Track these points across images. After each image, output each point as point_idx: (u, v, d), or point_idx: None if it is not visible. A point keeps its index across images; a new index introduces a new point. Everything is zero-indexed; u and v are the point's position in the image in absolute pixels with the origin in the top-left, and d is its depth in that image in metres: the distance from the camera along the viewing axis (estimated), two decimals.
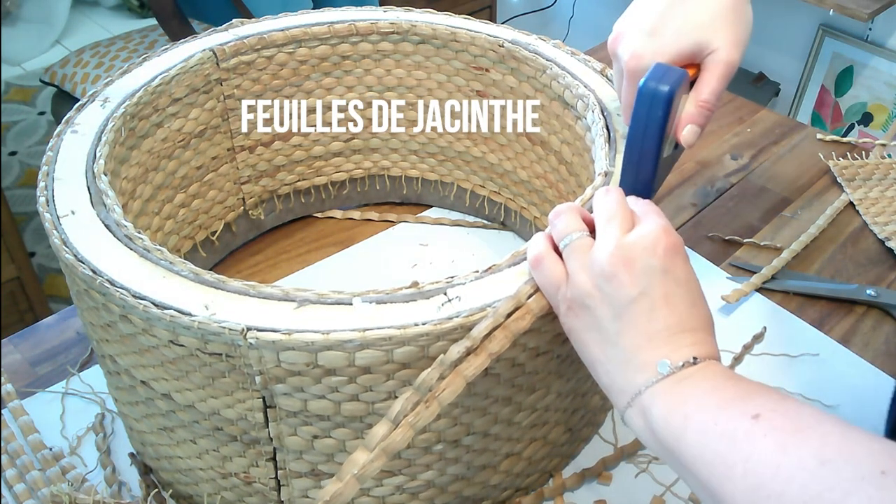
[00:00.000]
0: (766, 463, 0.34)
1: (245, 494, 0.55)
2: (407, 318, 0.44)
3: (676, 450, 0.38)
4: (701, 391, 0.39)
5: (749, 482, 0.35)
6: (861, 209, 0.88)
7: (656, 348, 0.41)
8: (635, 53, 0.55)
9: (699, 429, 0.38)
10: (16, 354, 0.70)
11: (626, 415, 0.42)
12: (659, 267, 0.42)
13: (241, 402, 0.48)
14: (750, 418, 0.36)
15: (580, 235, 0.45)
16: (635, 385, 0.41)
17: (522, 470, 0.58)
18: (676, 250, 0.43)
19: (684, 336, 0.41)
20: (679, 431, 0.38)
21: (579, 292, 0.44)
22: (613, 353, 0.43)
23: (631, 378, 0.42)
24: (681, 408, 0.39)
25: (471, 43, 0.74)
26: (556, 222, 0.47)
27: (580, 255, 0.45)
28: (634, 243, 0.43)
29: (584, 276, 0.44)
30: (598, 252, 0.43)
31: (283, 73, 0.75)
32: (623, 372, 0.42)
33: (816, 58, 2.05)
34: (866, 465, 0.32)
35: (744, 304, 0.76)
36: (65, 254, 0.49)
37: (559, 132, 0.71)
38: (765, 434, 0.35)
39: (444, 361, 0.44)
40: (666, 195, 0.89)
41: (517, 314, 0.45)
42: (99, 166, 0.56)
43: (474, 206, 0.84)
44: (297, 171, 0.81)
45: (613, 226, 0.44)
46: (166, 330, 0.45)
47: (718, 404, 0.38)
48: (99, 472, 0.61)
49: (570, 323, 0.45)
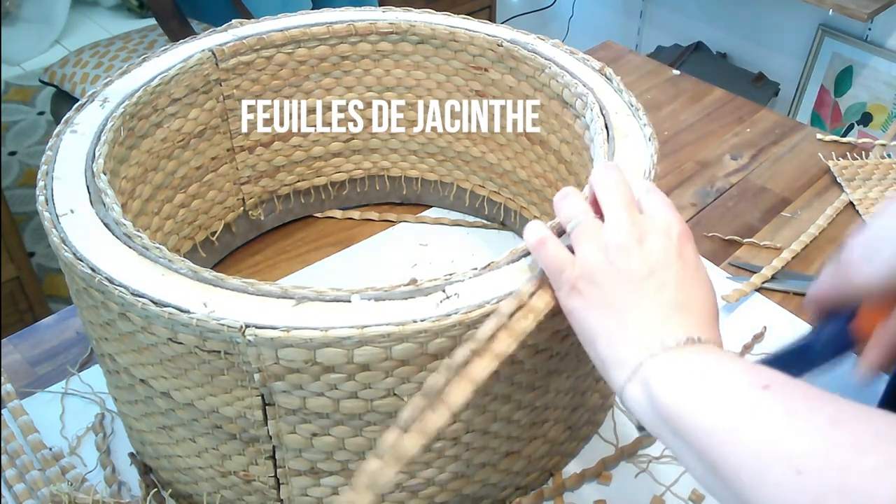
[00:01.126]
0: (775, 426, 0.33)
1: (244, 493, 0.55)
2: (405, 314, 0.44)
3: (677, 419, 0.37)
4: (707, 363, 0.38)
5: (755, 446, 0.33)
6: (861, 209, 0.88)
7: (664, 324, 0.41)
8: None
9: (703, 396, 0.37)
10: (15, 354, 0.70)
11: (626, 390, 0.41)
12: (674, 248, 0.43)
13: (240, 400, 0.48)
14: (760, 388, 0.35)
15: (589, 217, 0.46)
16: (638, 357, 0.40)
17: (522, 468, 0.58)
18: (689, 236, 0.44)
19: (691, 317, 0.41)
20: (681, 400, 0.37)
21: (590, 268, 0.43)
22: (619, 326, 0.42)
23: (634, 350, 0.41)
24: (685, 377, 0.38)
25: (469, 42, 0.74)
26: (563, 204, 0.47)
27: (591, 233, 0.44)
28: (650, 223, 0.44)
29: (596, 252, 0.43)
30: (614, 228, 0.44)
31: (283, 74, 0.75)
32: (626, 345, 0.41)
33: (816, 58, 2.05)
34: (882, 425, 0.31)
35: (744, 304, 0.76)
36: (64, 252, 0.49)
37: (558, 131, 0.71)
38: (774, 400, 0.34)
39: (451, 365, 0.43)
40: (666, 195, 0.89)
41: (520, 314, 0.45)
42: (98, 165, 0.56)
43: (474, 206, 0.84)
44: (296, 172, 0.81)
45: (625, 207, 0.45)
46: (165, 327, 0.45)
47: (726, 374, 0.37)
48: (99, 471, 0.61)
49: (572, 303, 0.44)
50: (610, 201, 0.46)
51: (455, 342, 0.45)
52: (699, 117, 1.05)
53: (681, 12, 2.33)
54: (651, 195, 0.47)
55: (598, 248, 0.44)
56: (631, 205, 0.45)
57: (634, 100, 0.64)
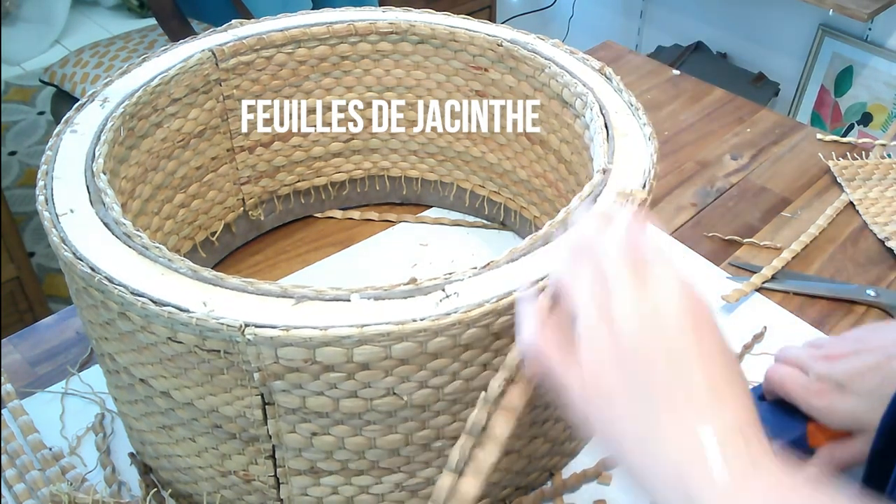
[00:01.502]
0: None
1: (244, 493, 0.55)
2: (405, 313, 0.44)
3: None
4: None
5: None
6: (861, 209, 0.88)
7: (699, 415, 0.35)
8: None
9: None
10: (15, 354, 0.70)
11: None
12: (691, 330, 0.37)
13: (240, 399, 0.48)
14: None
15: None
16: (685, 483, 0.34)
17: (523, 468, 0.58)
18: (707, 315, 0.38)
19: (725, 403, 0.36)
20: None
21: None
22: (651, 442, 0.36)
23: (678, 464, 0.35)
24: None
25: (469, 42, 0.74)
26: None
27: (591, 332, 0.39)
28: (659, 307, 0.37)
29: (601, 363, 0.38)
30: (620, 321, 0.38)
31: (283, 74, 0.75)
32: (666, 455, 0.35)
33: (816, 58, 2.05)
34: None
35: (744, 304, 0.76)
36: (63, 251, 0.49)
37: (558, 131, 0.71)
38: None
39: (488, 399, 0.43)
40: (666, 195, 0.89)
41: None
42: (98, 165, 0.56)
43: (474, 206, 0.84)
44: (296, 172, 0.81)
45: (627, 279, 0.38)
46: (164, 327, 0.45)
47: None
48: (98, 471, 0.61)
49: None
50: (614, 267, 0.39)
51: (455, 341, 0.45)
52: (699, 117, 1.05)
53: (681, 12, 2.33)
54: (658, 253, 0.40)
55: (603, 355, 0.38)
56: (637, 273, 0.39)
57: (634, 99, 0.64)
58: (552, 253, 0.50)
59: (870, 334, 0.51)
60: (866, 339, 0.51)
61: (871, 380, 0.48)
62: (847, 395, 0.49)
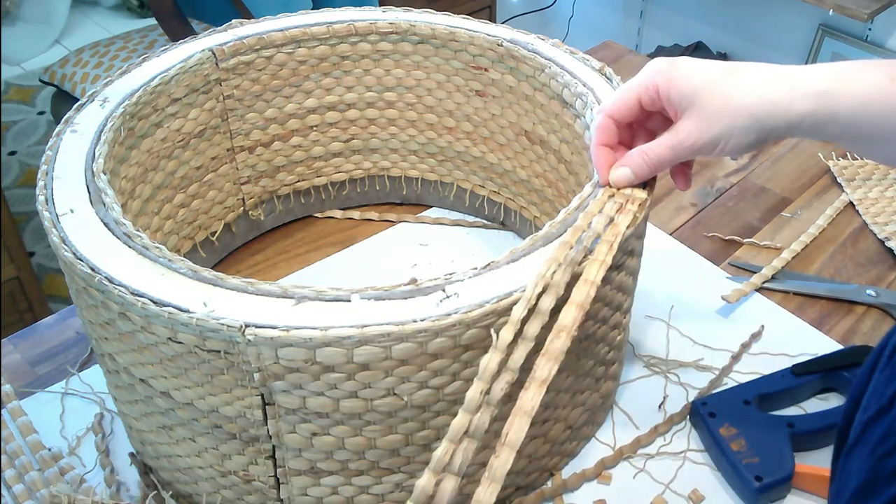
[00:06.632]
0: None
1: (244, 493, 0.55)
2: (405, 314, 0.44)
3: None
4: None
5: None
6: (861, 209, 0.88)
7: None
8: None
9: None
10: (15, 354, 0.70)
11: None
12: None
13: (240, 400, 0.48)
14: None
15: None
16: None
17: (523, 468, 0.58)
18: None
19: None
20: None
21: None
22: None
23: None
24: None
25: (470, 42, 0.74)
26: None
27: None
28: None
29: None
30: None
31: (283, 74, 0.75)
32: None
33: (816, 58, 2.05)
34: None
35: (744, 304, 0.76)
36: (63, 251, 0.49)
37: (558, 131, 0.71)
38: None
39: (491, 401, 0.43)
40: (666, 195, 0.89)
41: (551, 335, 0.45)
42: (98, 165, 0.56)
43: (474, 206, 0.84)
44: (296, 172, 0.81)
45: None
46: (165, 327, 0.45)
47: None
48: (98, 472, 0.61)
49: None
50: None
51: (455, 342, 0.45)
52: None
53: (681, 12, 2.33)
54: None
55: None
56: None
57: None
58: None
59: None
60: None
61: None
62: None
